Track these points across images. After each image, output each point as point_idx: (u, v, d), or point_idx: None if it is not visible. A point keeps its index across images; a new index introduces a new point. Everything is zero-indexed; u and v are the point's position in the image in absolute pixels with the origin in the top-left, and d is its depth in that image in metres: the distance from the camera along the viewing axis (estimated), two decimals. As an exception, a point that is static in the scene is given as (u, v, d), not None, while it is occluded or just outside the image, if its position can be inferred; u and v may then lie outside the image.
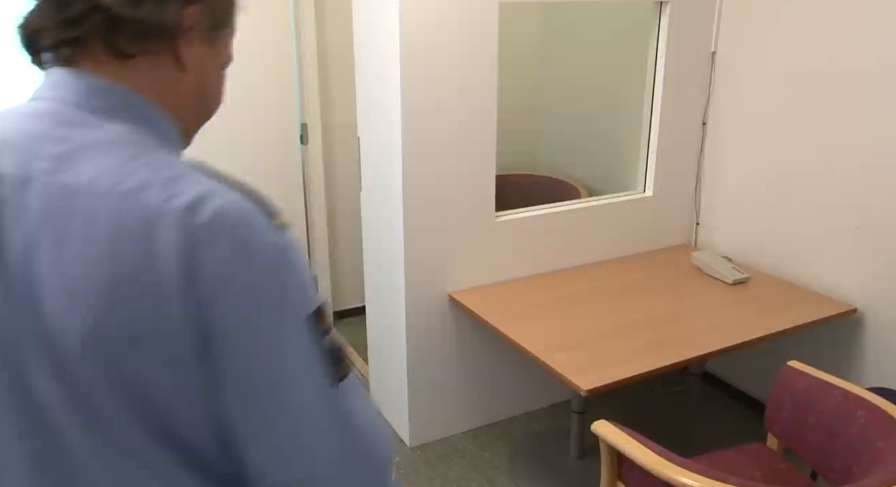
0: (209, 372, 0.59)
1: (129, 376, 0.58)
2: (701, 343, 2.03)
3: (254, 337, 0.59)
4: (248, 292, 0.59)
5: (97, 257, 0.57)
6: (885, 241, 2.21)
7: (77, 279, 0.57)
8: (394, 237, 2.35)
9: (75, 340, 0.57)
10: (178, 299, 0.57)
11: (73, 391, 0.59)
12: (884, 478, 1.22)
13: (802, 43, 2.36)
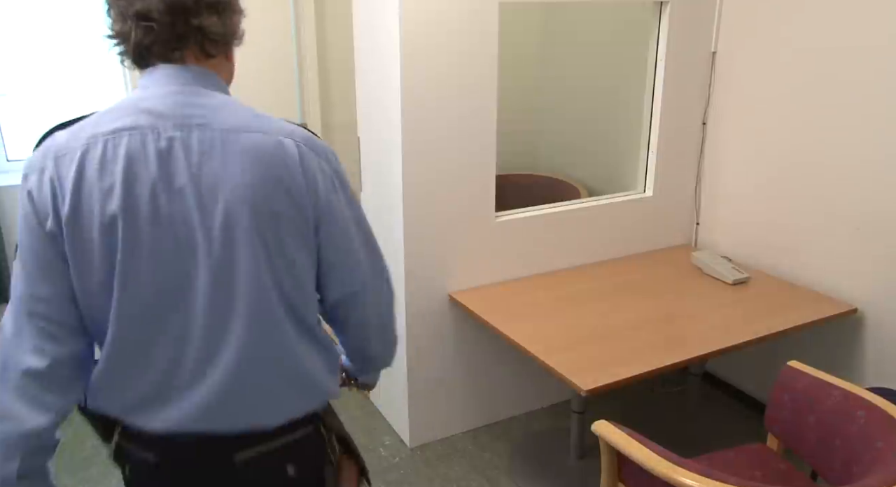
0: (318, 238, 1.07)
1: (276, 243, 1.02)
2: (701, 343, 2.03)
3: (337, 212, 1.07)
4: (328, 184, 1.06)
5: (252, 168, 0.99)
6: (885, 241, 2.21)
7: (242, 182, 0.99)
8: (394, 237, 2.35)
9: (251, 218, 0.99)
10: (303, 191, 1.03)
11: (234, 259, 1.00)
12: (884, 478, 1.22)
13: (802, 43, 2.36)
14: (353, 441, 1.31)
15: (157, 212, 0.97)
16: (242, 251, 1.00)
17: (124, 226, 0.97)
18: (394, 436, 2.62)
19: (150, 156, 0.97)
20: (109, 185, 0.97)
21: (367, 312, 1.18)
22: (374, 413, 2.77)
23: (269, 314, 1.04)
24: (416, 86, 2.14)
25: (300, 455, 1.14)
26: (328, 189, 1.06)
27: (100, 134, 0.98)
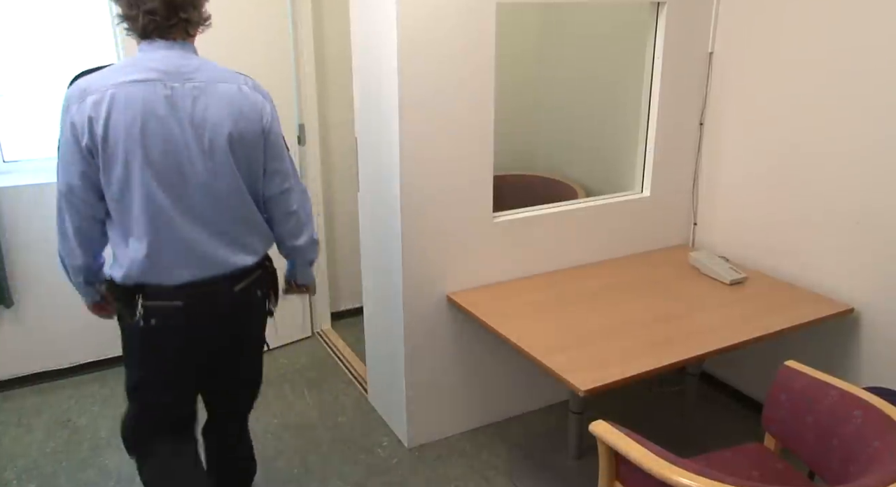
0: (265, 149, 1.65)
1: (244, 154, 1.60)
2: (699, 343, 2.03)
3: (274, 132, 1.66)
4: (268, 112, 1.64)
5: (226, 107, 1.55)
6: (882, 241, 2.21)
7: (223, 116, 1.54)
8: (391, 238, 2.35)
9: (226, 139, 1.56)
10: (256, 118, 1.60)
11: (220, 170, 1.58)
12: (881, 478, 1.22)
13: (800, 44, 2.36)
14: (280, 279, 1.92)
15: (168, 136, 1.52)
16: (223, 164, 1.59)
17: (143, 154, 1.51)
18: (392, 437, 2.62)
19: (160, 98, 1.50)
20: (132, 117, 1.49)
21: (293, 206, 1.76)
22: (371, 413, 2.77)
23: (241, 195, 1.65)
24: (414, 85, 2.14)
25: (262, 283, 1.78)
26: (268, 116, 1.64)
27: (122, 82, 1.49)
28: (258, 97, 1.62)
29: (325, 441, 2.60)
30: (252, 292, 1.74)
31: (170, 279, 1.60)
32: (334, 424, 2.71)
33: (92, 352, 3.09)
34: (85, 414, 2.78)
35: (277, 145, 1.67)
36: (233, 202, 1.63)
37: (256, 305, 1.78)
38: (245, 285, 1.71)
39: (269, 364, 3.15)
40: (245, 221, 1.67)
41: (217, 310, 1.69)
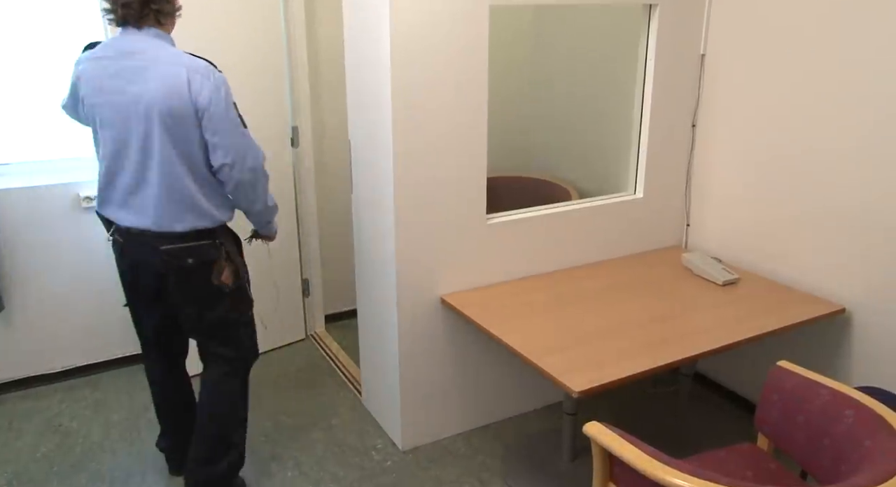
0: (202, 123, 1.87)
1: (177, 130, 1.85)
2: (692, 343, 2.04)
3: (214, 110, 1.86)
4: (208, 93, 1.84)
5: (164, 86, 1.81)
6: (872, 242, 2.22)
7: (160, 92, 1.81)
8: (385, 240, 2.35)
9: (156, 113, 1.82)
10: (189, 98, 1.83)
11: (151, 135, 1.85)
12: (871, 477, 1.23)
13: (791, 45, 2.38)
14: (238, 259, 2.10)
15: (115, 105, 1.86)
16: (156, 131, 1.85)
17: (100, 109, 1.89)
18: (386, 439, 2.62)
19: (112, 72, 1.86)
20: (92, 87, 1.89)
21: (242, 177, 1.95)
22: (365, 416, 2.77)
23: (171, 166, 1.89)
24: (407, 88, 2.14)
25: (197, 253, 1.98)
26: (206, 97, 1.84)
27: (90, 57, 1.90)
28: (197, 77, 1.84)
29: (320, 444, 2.59)
30: (181, 257, 1.97)
31: (117, 219, 1.99)
32: (328, 427, 2.70)
33: (83, 356, 3.08)
34: (77, 419, 2.76)
35: (217, 121, 1.87)
36: (164, 168, 1.89)
37: (189, 271, 1.99)
38: (173, 248, 1.96)
39: (263, 366, 3.14)
40: (171, 189, 1.91)
41: (148, 260, 2.00)
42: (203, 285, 2.02)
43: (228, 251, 2.05)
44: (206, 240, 1.99)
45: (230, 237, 2.09)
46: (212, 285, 2.03)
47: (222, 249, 2.03)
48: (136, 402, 2.89)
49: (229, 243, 2.07)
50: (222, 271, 2.04)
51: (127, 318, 3.10)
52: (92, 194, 2.89)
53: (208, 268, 2.01)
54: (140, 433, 2.67)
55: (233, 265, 2.07)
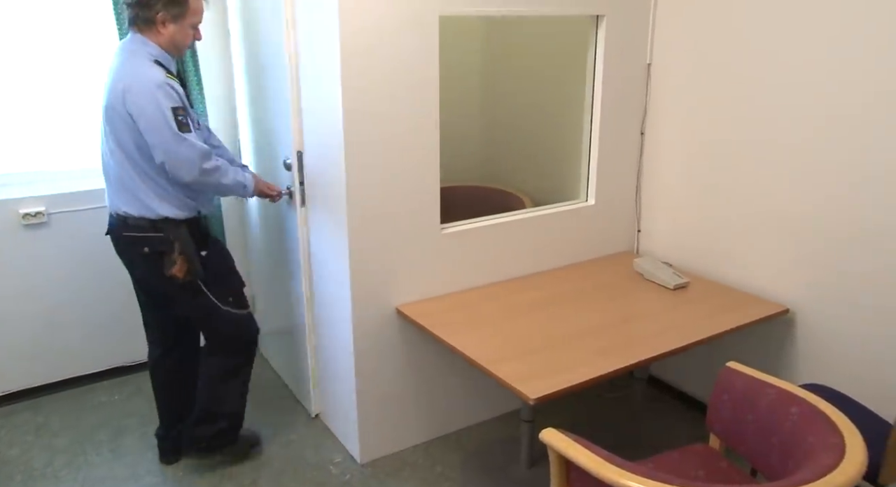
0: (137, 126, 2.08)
1: (118, 130, 2.11)
2: (645, 347, 2.07)
3: (150, 116, 2.05)
4: (143, 102, 2.04)
5: (112, 86, 2.09)
6: (811, 244, 2.30)
7: (108, 96, 2.11)
8: (339, 252, 2.33)
9: (105, 112, 2.13)
10: (125, 105, 2.06)
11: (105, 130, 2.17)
12: (813, 472, 1.27)
13: (733, 54, 2.45)
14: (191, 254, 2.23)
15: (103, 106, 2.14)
16: (112, 130, 2.12)
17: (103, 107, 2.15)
18: (344, 453, 2.58)
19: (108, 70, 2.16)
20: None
21: (181, 175, 2.11)
22: (323, 430, 2.73)
23: (122, 159, 2.15)
24: (357, 98, 2.14)
25: (151, 243, 2.19)
26: (133, 102, 2.04)
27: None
28: (135, 90, 2.04)
29: (276, 461, 2.54)
30: (138, 245, 2.21)
31: (108, 202, 2.27)
32: (285, 443, 2.65)
33: (24, 380, 2.96)
34: (17, 445, 2.65)
35: (148, 127, 2.05)
36: (117, 158, 2.16)
37: (144, 258, 2.22)
38: (130, 235, 2.21)
39: (217, 383, 3.06)
40: (121, 178, 2.17)
41: (116, 243, 2.29)
42: (160, 275, 2.22)
43: (182, 246, 2.21)
44: (159, 233, 2.19)
45: (186, 235, 2.23)
46: (165, 276, 2.21)
47: (175, 244, 2.20)
48: (83, 425, 2.79)
49: (184, 240, 2.22)
50: (173, 264, 2.20)
51: (72, 339, 3.01)
52: (33, 210, 2.79)
53: (160, 259, 2.21)
54: (87, 457, 2.58)
55: (185, 260, 2.21)
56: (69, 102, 2.93)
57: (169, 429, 2.53)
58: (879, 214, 2.10)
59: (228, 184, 2.24)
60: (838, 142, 2.17)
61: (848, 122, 2.14)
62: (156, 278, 2.24)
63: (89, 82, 2.92)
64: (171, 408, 2.52)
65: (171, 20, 2.11)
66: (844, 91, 2.13)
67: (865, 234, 2.15)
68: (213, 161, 2.17)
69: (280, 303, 2.93)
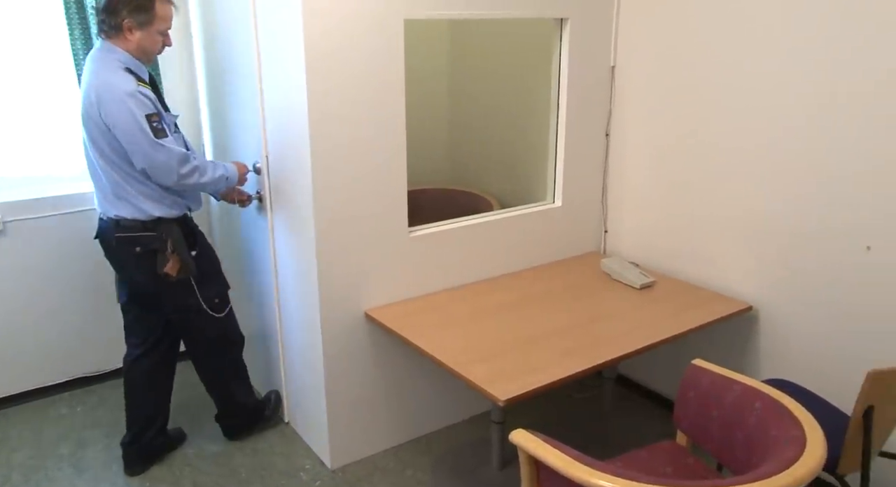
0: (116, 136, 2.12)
1: (97, 136, 2.14)
2: (612, 347, 2.09)
3: (122, 122, 2.09)
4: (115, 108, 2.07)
5: (86, 94, 2.13)
6: (773, 243, 2.35)
7: (83, 103, 2.14)
8: (306, 257, 2.31)
9: (83, 119, 2.16)
10: (100, 115, 2.10)
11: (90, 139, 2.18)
12: (776, 466, 1.29)
13: (695, 56, 2.50)
14: (183, 252, 2.29)
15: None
16: (91, 139, 2.15)
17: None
18: (314, 459, 2.56)
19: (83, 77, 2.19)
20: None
21: (163, 180, 2.17)
22: (292, 437, 2.70)
23: (106, 166, 2.17)
24: (323, 102, 2.12)
25: (143, 242, 2.24)
26: (107, 112, 2.07)
27: None
28: (107, 98, 2.07)
29: (245, 469, 2.51)
30: (131, 244, 2.24)
31: (98, 206, 2.30)
32: (253, 451, 2.62)
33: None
34: (-23, 459, 2.57)
35: (124, 134, 2.09)
36: (101, 165, 2.18)
37: (136, 258, 2.26)
38: (123, 236, 2.24)
39: (180, 391, 3.01)
40: (110, 181, 2.20)
41: (108, 245, 2.31)
42: (152, 273, 2.26)
43: (175, 245, 2.25)
44: (151, 232, 2.24)
45: (178, 233, 2.28)
46: (157, 275, 2.25)
47: (167, 242, 2.24)
48: (43, 439, 2.71)
49: (177, 238, 2.27)
50: (166, 262, 2.25)
51: (31, 350, 2.93)
52: (-12, 217, 2.72)
53: (153, 258, 2.25)
54: (47, 472, 2.51)
55: (178, 259, 2.26)
56: (24, 108, 2.85)
57: (137, 436, 2.48)
58: (840, 214, 2.16)
59: (208, 182, 2.27)
60: (801, 144, 2.22)
61: (810, 124, 2.19)
62: (147, 277, 2.28)
63: (45, 88, 2.85)
64: (141, 412, 2.49)
65: (137, 27, 2.12)
66: (806, 93, 2.18)
67: (826, 234, 2.20)
68: (191, 163, 2.21)
69: (248, 309, 2.89)
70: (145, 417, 2.49)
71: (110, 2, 2.09)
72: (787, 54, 2.20)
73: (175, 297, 2.35)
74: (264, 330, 2.81)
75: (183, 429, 2.71)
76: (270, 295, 2.67)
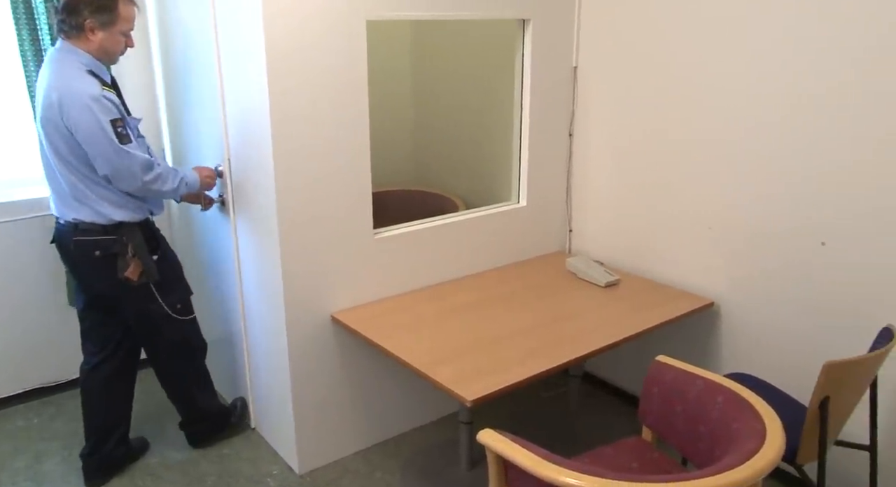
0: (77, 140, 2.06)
1: (56, 140, 2.08)
2: (578, 345, 2.11)
3: (84, 126, 2.03)
4: (77, 112, 2.02)
5: (44, 101, 2.05)
6: (733, 239, 2.40)
7: (42, 105, 2.06)
8: (271, 261, 2.28)
9: (42, 123, 2.08)
10: (61, 118, 2.04)
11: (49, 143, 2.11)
12: (738, 457, 1.32)
13: (657, 56, 2.54)
14: (145, 256, 2.25)
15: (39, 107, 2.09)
16: (49, 141, 2.10)
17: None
18: (281, 465, 2.53)
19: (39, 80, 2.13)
20: None
21: (125, 186, 2.13)
22: (259, 442, 2.66)
23: (65, 169, 2.12)
24: (285, 103, 2.10)
25: (103, 246, 2.19)
26: (71, 116, 2.01)
27: None
28: (69, 101, 2.01)
29: (211, 477, 2.46)
30: (89, 248, 2.19)
31: (55, 211, 2.24)
32: (219, 457, 2.57)
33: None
34: (-73, 474, 2.48)
35: (87, 138, 2.04)
36: (60, 169, 2.13)
37: (96, 262, 2.21)
38: (82, 239, 2.18)
39: (144, 399, 2.95)
40: (68, 188, 2.14)
41: (65, 249, 2.25)
42: (111, 278, 2.21)
43: (136, 249, 2.21)
44: (112, 236, 2.19)
45: (140, 237, 2.24)
46: (117, 279, 2.21)
47: (128, 246, 2.20)
48: (0, 452, 2.63)
49: (138, 243, 2.22)
50: (127, 266, 2.21)
51: (-16, 358, 2.84)
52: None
53: (113, 262, 2.20)
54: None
55: (139, 263, 2.22)
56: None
57: (96, 447, 2.42)
58: (797, 212, 2.21)
59: (169, 191, 2.23)
60: (761, 143, 2.27)
61: (770, 124, 2.24)
62: (107, 282, 2.23)
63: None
64: (100, 422, 2.43)
65: (100, 27, 2.07)
66: (767, 93, 2.23)
67: (784, 231, 2.26)
68: (155, 170, 2.17)
69: (213, 314, 2.84)
70: (105, 427, 2.43)
71: (71, 1, 2.03)
72: (748, 56, 2.25)
73: (136, 303, 2.31)
74: (229, 336, 2.76)
75: (146, 438, 2.65)
76: (235, 300, 2.63)
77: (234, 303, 2.64)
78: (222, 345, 2.82)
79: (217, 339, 2.83)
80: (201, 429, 2.63)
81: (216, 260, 2.70)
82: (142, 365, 2.53)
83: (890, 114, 1.94)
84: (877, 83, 1.95)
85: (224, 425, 2.67)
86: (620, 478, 1.29)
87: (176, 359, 2.49)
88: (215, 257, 2.71)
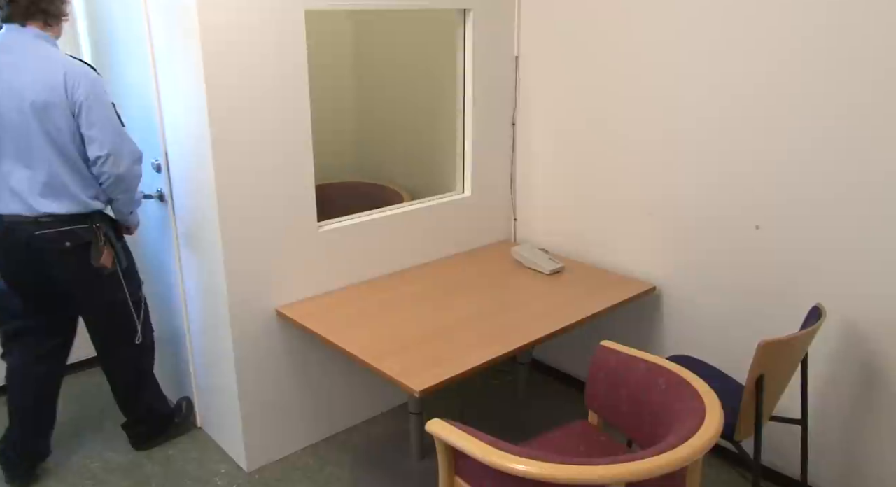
0: (78, 118, 2.02)
1: (49, 123, 2.00)
2: (524, 332, 2.13)
3: (87, 106, 2.01)
4: (83, 90, 2.00)
5: (35, 80, 1.97)
6: (672, 225, 2.47)
7: (35, 86, 1.97)
8: (212, 256, 2.23)
9: (30, 105, 1.98)
10: (64, 93, 1.99)
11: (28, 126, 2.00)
12: (679, 437, 1.36)
13: (597, 45, 2.57)
14: (119, 244, 2.25)
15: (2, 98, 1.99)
16: (31, 123, 1.99)
17: None
18: (229, 463, 2.48)
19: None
20: None
21: (116, 171, 2.09)
22: (206, 442, 2.61)
23: (54, 155, 2.04)
24: (222, 95, 2.04)
25: (73, 236, 2.12)
26: (82, 93, 1.99)
27: None
28: (76, 76, 1.98)
29: (156, 479, 2.40)
30: (58, 240, 2.10)
31: (14, 208, 2.08)
32: (164, 458, 2.51)
33: None
34: None
35: (93, 115, 2.01)
36: (42, 156, 2.03)
37: (63, 254, 2.13)
38: (49, 233, 2.09)
39: (82, 399, 2.84)
40: (47, 178, 2.05)
41: (19, 245, 2.11)
42: (85, 267, 2.16)
43: (107, 234, 2.18)
44: (83, 224, 2.13)
45: (109, 222, 2.21)
46: (92, 267, 2.16)
47: (99, 232, 2.16)
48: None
49: (108, 227, 2.20)
50: (101, 254, 2.17)
51: None
52: None
53: (86, 250, 2.15)
54: (-68, 497, 2.31)
55: (112, 249, 2.21)
56: None
57: (21, 447, 2.33)
58: (733, 197, 2.28)
59: (134, 197, 2.24)
60: (699, 131, 2.33)
61: (708, 112, 2.30)
62: (73, 274, 2.17)
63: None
64: (30, 422, 2.33)
65: (65, 16, 2.11)
66: (705, 82, 2.29)
67: (721, 216, 2.33)
68: (141, 166, 2.18)
69: (155, 313, 2.76)
70: (32, 428, 2.34)
71: None
72: (685, 46, 2.30)
73: (104, 293, 2.26)
74: (172, 334, 2.69)
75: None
76: (177, 297, 2.56)
77: (176, 301, 2.57)
78: (166, 344, 2.75)
79: (160, 338, 2.75)
80: (145, 431, 2.55)
81: (157, 257, 2.63)
82: (78, 367, 2.44)
83: (822, 104, 2.01)
84: (808, 74, 2.02)
85: (168, 426, 2.60)
86: (566, 462, 1.32)
87: (128, 355, 2.42)
88: (156, 253, 2.63)
